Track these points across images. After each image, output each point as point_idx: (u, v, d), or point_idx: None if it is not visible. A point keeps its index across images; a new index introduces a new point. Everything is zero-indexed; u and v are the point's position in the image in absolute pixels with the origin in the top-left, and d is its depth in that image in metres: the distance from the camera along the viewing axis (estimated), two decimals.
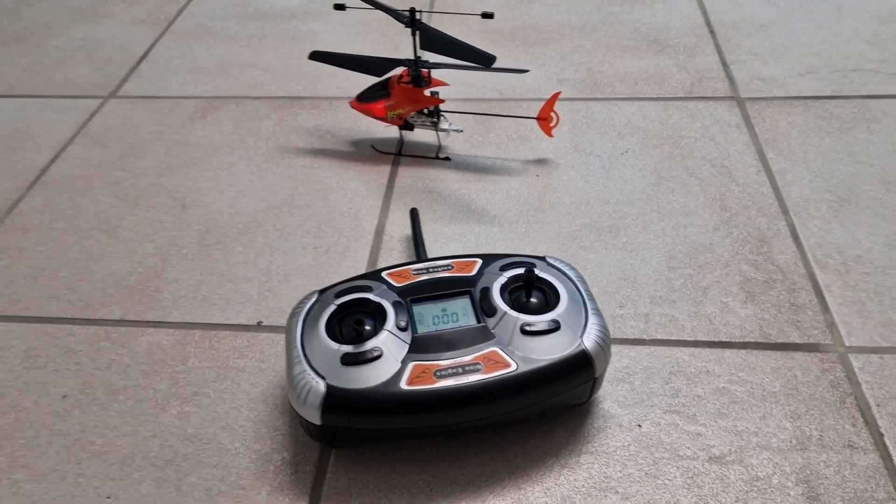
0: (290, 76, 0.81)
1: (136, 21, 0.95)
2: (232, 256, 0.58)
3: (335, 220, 0.61)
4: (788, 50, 0.78)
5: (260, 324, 0.53)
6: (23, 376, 0.50)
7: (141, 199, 0.65)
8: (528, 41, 0.84)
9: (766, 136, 0.66)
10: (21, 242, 0.61)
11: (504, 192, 0.63)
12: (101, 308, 0.55)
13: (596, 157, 0.66)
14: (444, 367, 0.39)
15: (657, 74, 0.76)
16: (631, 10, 0.88)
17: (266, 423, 0.46)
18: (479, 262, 0.45)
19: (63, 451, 0.45)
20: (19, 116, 0.78)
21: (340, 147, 0.70)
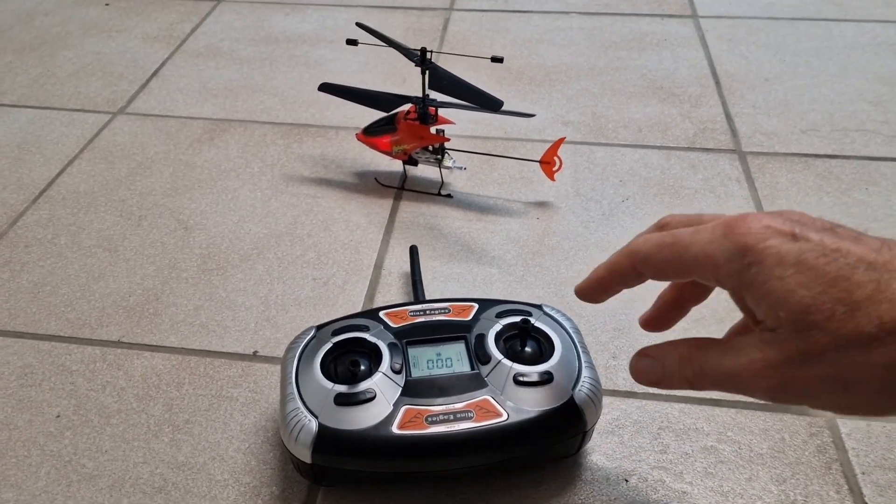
0: (298, 102, 0.82)
1: (148, 38, 0.97)
2: (231, 283, 0.59)
3: (335, 251, 0.62)
4: (791, 105, 0.79)
5: (256, 353, 0.53)
6: (17, 393, 0.50)
7: (144, 218, 0.66)
8: (534, 81, 0.85)
9: (765, 191, 0.67)
10: (23, 256, 0.62)
11: (504, 233, 0.63)
12: (99, 328, 0.55)
13: (597, 202, 0.67)
14: (436, 412, 0.39)
15: (661, 122, 0.77)
16: (638, 56, 0.90)
17: (256, 455, 0.46)
18: (475, 306, 0.46)
19: (54, 473, 0.45)
20: (29, 128, 0.78)
21: (344, 178, 0.70)
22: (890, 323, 0.26)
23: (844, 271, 0.27)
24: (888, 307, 0.26)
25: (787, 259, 0.28)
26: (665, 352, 0.34)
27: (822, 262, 0.28)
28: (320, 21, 1.00)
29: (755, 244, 0.29)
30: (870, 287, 0.27)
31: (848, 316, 0.27)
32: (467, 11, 1.01)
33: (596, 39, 0.94)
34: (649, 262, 0.33)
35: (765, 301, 0.29)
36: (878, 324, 0.26)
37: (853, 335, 0.27)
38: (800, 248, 0.28)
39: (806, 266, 0.28)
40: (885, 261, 0.28)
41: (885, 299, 0.27)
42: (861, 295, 0.27)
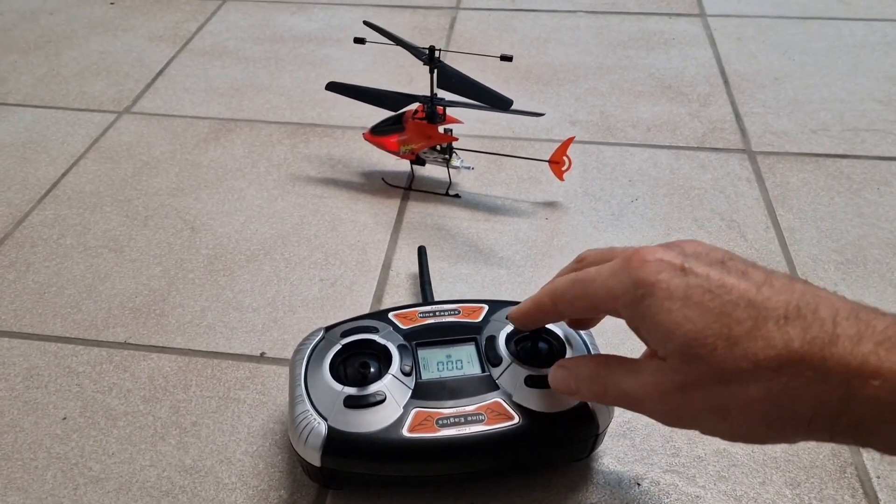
0: (304, 102, 0.82)
1: (153, 36, 0.96)
2: (238, 284, 0.58)
3: (342, 252, 0.61)
4: (801, 105, 0.79)
5: (263, 355, 0.53)
6: (23, 395, 0.50)
7: (150, 219, 0.65)
8: (542, 80, 0.85)
9: (776, 191, 0.67)
10: (29, 257, 0.61)
11: (512, 233, 0.63)
12: (105, 329, 0.55)
13: (606, 202, 0.66)
14: (447, 415, 0.39)
15: (670, 122, 0.77)
16: (647, 54, 0.89)
17: (264, 458, 0.46)
18: (485, 308, 0.45)
19: (60, 475, 0.45)
20: (34, 127, 0.78)
21: (351, 178, 0.70)
22: (764, 360, 0.28)
23: (727, 307, 0.29)
24: (762, 345, 0.28)
25: (675, 293, 0.30)
26: (578, 366, 0.36)
27: (707, 297, 0.30)
28: (326, 20, 0.99)
29: (647, 277, 0.31)
30: (748, 324, 0.29)
31: (727, 351, 0.29)
32: (474, 10, 1.01)
33: (604, 38, 0.93)
34: (563, 299, 0.35)
35: (655, 332, 0.31)
36: (753, 360, 0.28)
37: (732, 369, 0.29)
38: (687, 283, 0.30)
39: (692, 300, 0.30)
40: (765, 298, 0.29)
41: (761, 337, 0.28)
42: (740, 331, 0.29)
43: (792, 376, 0.28)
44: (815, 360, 0.28)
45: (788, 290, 0.30)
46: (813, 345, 0.28)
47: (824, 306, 0.29)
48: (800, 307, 0.29)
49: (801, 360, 0.28)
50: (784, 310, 0.29)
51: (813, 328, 0.28)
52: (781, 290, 0.30)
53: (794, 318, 0.28)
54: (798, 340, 0.28)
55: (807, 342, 0.28)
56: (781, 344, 0.28)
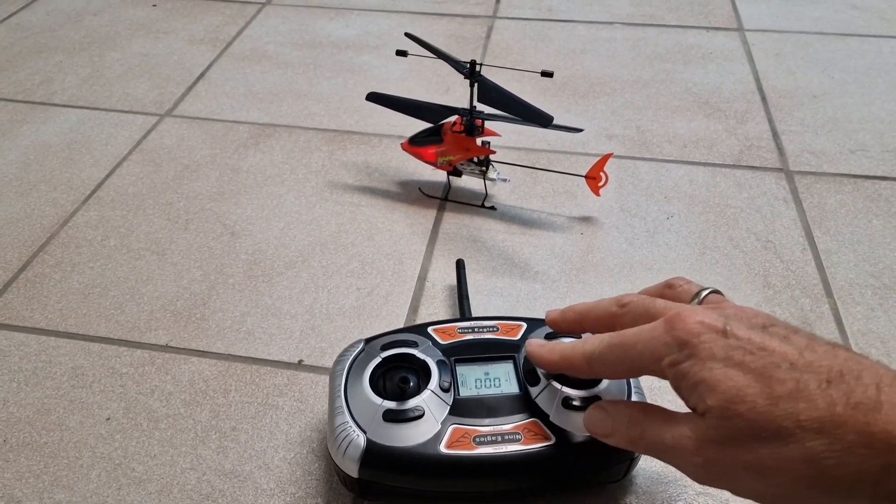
0: (342, 109, 0.83)
1: (194, 39, 0.98)
2: (277, 290, 0.59)
3: (379, 261, 0.62)
4: (840, 124, 0.78)
5: (301, 362, 0.54)
6: (69, 394, 0.51)
7: (191, 222, 0.66)
8: (578, 93, 0.85)
9: (813, 212, 0.66)
10: (74, 257, 0.63)
11: (548, 247, 0.63)
12: (148, 332, 0.56)
13: (641, 219, 0.66)
14: (484, 433, 0.40)
15: (706, 138, 0.77)
16: (684, 69, 0.89)
17: (301, 465, 0.47)
18: (524, 326, 0.46)
19: (104, 475, 0.46)
20: (79, 128, 0.80)
21: (388, 186, 0.71)
22: (806, 421, 0.28)
23: (768, 368, 0.30)
24: (805, 406, 0.29)
25: (717, 354, 0.31)
26: (617, 410, 0.37)
27: (748, 358, 0.30)
28: (364, 26, 1.00)
29: (690, 339, 0.32)
30: (790, 384, 0.29)
31: (768, 409, 0.29)
32: (510, 20, 1.01)
33: (641, 51, 0.93)
34: (602, 362, 0.36)
35: (696, 389, 0.31)
36: (794, 420, 0.29)
37: (772, 428, 0.29)
38: (728, 345, 0.31)
39: (733, 361, 0.31)
40: (808, 362, 0.30)
41: (803, 398, 0.29)
42: (782, 391, 0.29)
43: (834, 439, 0.28)
44: (858, 425, 0.28)
45: (831, 356, 0.30)
46: (857, 410, 0.28)
47: (868, 373, 0.29)
48: (843, 372, 0.29)
49: (844, 424, 0.28)
50: (827, 374, 0.29)
51: (856, 393, 0.28)
52: (824, 355, 0.30)
53: (837, 382, 0.29)
54: (841, 404, 0.28)
55: (850, 406, 0.28)
56: (824, 406, 0.28)
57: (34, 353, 0.54)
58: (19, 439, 0.48)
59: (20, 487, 0.46)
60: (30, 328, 0.56)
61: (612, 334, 0.36)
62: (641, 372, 0.35)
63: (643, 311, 0.36)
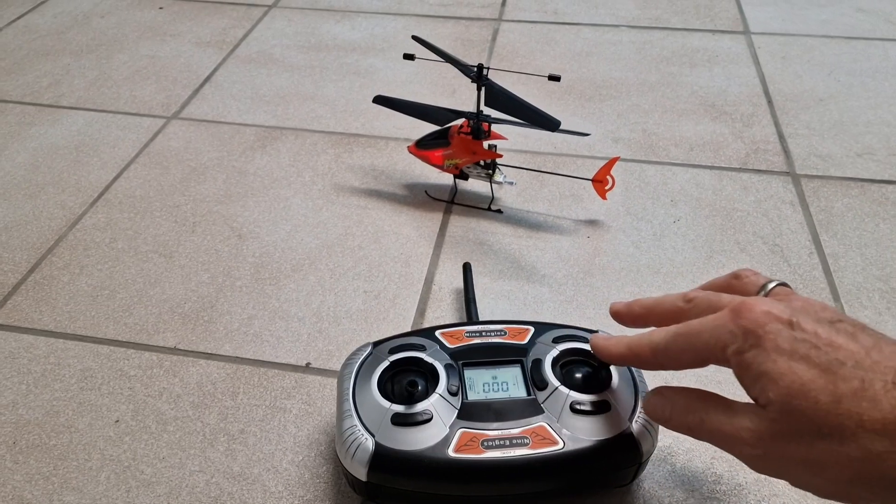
0: (348, 111, 0.83)
1: (201, 42, 0.98)
2: (284, 293, 0.60)
3: (386, 264, 0.62)
4: (846, 127, 0.78)
5: (308, 365, 0.54)
6: (77, 397, 0.52)
7: (199, 225, 0.67)
8: (584, 96, 0.85)
9: (820, 216, 0.66)
10: (82, 259, 0.63)
11: (554, 251, 0.63)
12: (156, 334, 0.56)
13: (648, 222, 0.66)
14: (492, 437, 0.40)
15: (713, 142, 0.77)
16: (690, 72, 0.89)
17: (310, 468, 0.47)
18: (531, 330, 0.46)
19: (113, 478, 0.46)
20: (87, 130, 0.80)
21: (394, 189, 0.71)
22: (868, 422, 0.28)
23: (833, 365, 0.30)
24: (868, 406, 0.28)
25: (782, 345, 0.31)
26: (677, 395, 0.36)
27: (813, 353, 0.30)
28: (370, 29, 1.00)
29: (756, 329, 0.31)
30: (854, 383, 0.29)
31: (831, 406, 0.29)
32: (516, 23, 1.01)
33: (646, 54, 0.93)
34: (668, 353, 0.35)
35: (759, 381, 0.31)
36: (857, 420, 0.28)
37: (833, 425, 0.29)
38: (794, 337, 0.31)
39: (798, 354, 0.30)
40: (874, 362, 0.30)
41: (867, 398, 0.29)
42: (846, 389, 0.29)
43: (893, 441, 0.28)
44: None
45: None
46: None
47: None
48: None
49: None
50: (893, 375, 0.29)
51: None
52: (891, 355, 0.30)
53: None
54: None
55: None
56: (888, 408, 0.28)
57: (43, 356, 0.55)
58: (29, 441, 0.49)
59: (30, 489, 0.46)
60: (39, 330, 0.57)
61: (677, 325, 0.35)
62: (706, 361, 0.34)
63: (708, 306, 0.36)
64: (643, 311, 0.40)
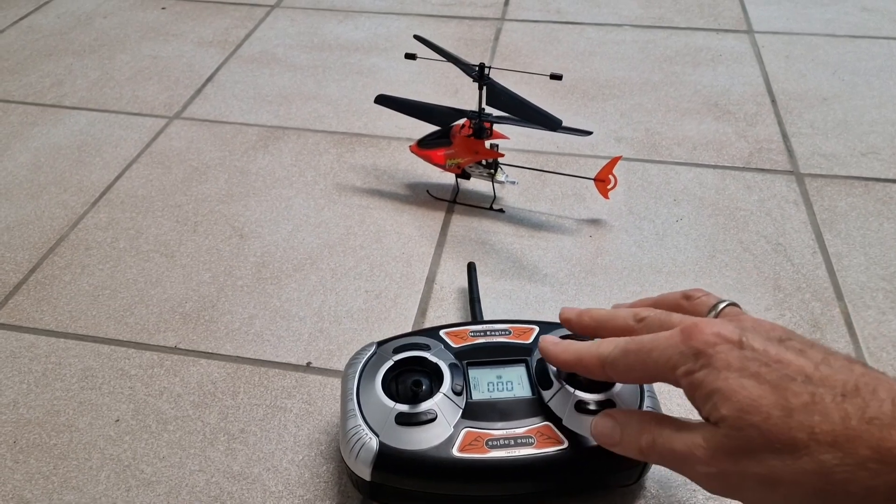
0: (351, 111, 0.83)
1: (203, 42, 0.98)
2: (286, 292, 0.59)
3: (387, 264, 0.62)
4: (850, 127, 0.78)
5: (309, 364, 0.53)
6: (78, 396, 0.51)
7: (200, 225, 0.67)
8: (587, 95, 0.85)
9: (824, 215, 0.66)
10: (84, 259, 0.63)
11: (556, 250, 0.63)
12: (157, 334, 0.56)
13: (650, 221, 0.66)
14: (497, 437, 0.39)
15: (716, 141, 0.76)
16: (693, 71, 0.89)
17: (310, 468, 0.46)
18: (536, 329, 0.45)
19: (113, 477, 0.46)
20: (89, 130, 0.80)
21: (396, 189, 0.71)
22: (820, 434, 0.28)
23: (783, 381, 0.30)
24: (819, 419, 0.29)
25: (732, 364, 0.31)
26: (627, 419, 0.36)
27: (763, 370, 0.30)
28: (373, 29, 1.00)
29: (706, 349, 0.32)
30: (805, 397, 0.29)
31: (782, 420, 0.29)
32: (519, 22, 1.01)
33: (650, 53, 0.93)
34: (616, 367, 0.35)
35: (710, 399, 0.31)
36: (809, 433, 0.28)
37: (786, 440, 0.29)
38: (744, 356, 0.31)
39: (748, 372, 0.31)
40: (823, 376, 0.30)
41: (818, 411, 0.29)
42: (796, 402, 0.29)
43: (847, 453, 0.28)
44: (872, 440, 0.28)
45: (847, 370, 0.30)
46: (871, 425, 0.28)
47: (883, 388, 0.29)
48: (858, 387, 0.29)
49: (858, 438, 0.28)
50: (842, 388, 0.29)
51: (871, 408, 0.28)
52: (840, 369, 0.30)
53: (852, 396, 0.29)
54: (856, 418, 0.28)
55: (865, 421, 0.28)
56: (838, 419, 0.28)
57: (44, 355, 0.54)
58: (29, 440, 0.48)
59: (30, 489, 0.46)
60: (40, 330, 0.57)
61: (628, 339, 0.35)
62: (654, 379, 0.35)
63: (659, 326, 0.36)
64: (593, 324, 0.40)
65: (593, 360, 0.36)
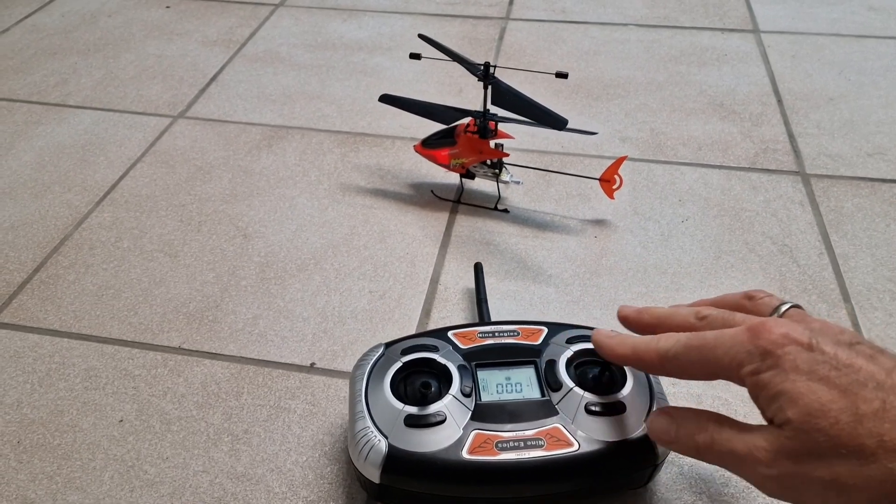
0: (354, 111, 0.83)
1: (207, 41, 0.98)
2: (289, 293, 0.59)
3: (391, 264, 0.62)
4: (857, 127, 0.78)
5: (313, 365, 0.53)
6: (82, 396, 0.51)
7: (204, 224, 0.66)
8: (592, 95, 0.85)
9: (830, 216, 0.66)
10: (87, 258, 0.63)
11: (561, 250, 0.63)
12: (160, 334, 0.56)
13: (655, 222, 0.66)
14: (506, 439, 0.39)
15: (721, 141, 0.76)
16: (698, 71, 0.89)
17: (314, 469, 0.46)
18: (544, 330, 0.45)
19: (117, 477, 0.46)
20: (93, 129, 0.80)
21: (400, 189, 0.70)
22: (890, 442, 0.28)
23: (853, 386, 0.29)
24: (890, 427, 0.28)
25: (801, 367, 0.30)
26: (685, 416, 0.36)
27: (833, 374, 0.30)
28: (376, 28, 1.00)
29: (774, 349, 0.31)
30: (875, 404, 0.29)
31: (851, 427, 0.29)
32: (523, 21, 1.01)
33: (654, 53, 0.93)
34: (677, 362, 0.35)
35: (776, 401, 0.31)
36: (878, 440, 0.28)
37: (854, 445, 0.28)
38: (814, 359, 0.30)
39: (818, 375, 0.30)
40: (894, 383, 0.29)
41: (889, 419, 0.28)
42: (867, 409, 0.29)
43: None
44: None
45: None
46: None
47: None
48: None
49: None
50: None
51: None
52: None
53: None
54: None
55: None
56: None
57: (48, 355, 0.54)
58: (33, 441, 0.48)
59: (34, 489, 0.45)
60: (44, 329, 0.56)
61: (690, 335, 0.34)
62: (716, 376, 0.34)
63: (722, 325, 0.35)
64: (653, 321, 0.39)
65: (651, 355, 0.35)
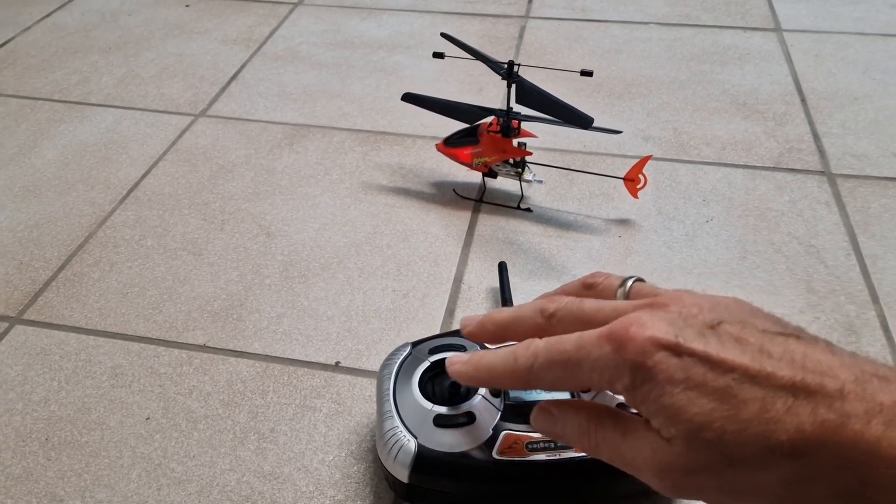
0: (375, 109, 0.83)
1: (227, 40, 0.98)
2: (313, 291, 0.59)
3: (414, 263, 0.62)
4: (883, 127, 0.77)
5: (338, 364, 0.53)
6: (109, 394, 0.51)
7: (227, 223, 0.66)
8: (614, 93, 0.84)
9: (857, 217, 0.65)
10: (112, 256, 0.63)
11: (585, 250, 0.62)
12: (185, 332, 0.56)
13: (679, 222, 0.65)
14: (537, 439, 0.39)
15: (745, 140, 0.76)
16: (721, 69, 0.88)
17: (341, 468, 0.46)
18: None
19: (144, 475, 0.46)
20: (115, 128, 0.80)
21: (422, 188, 0.70)
22: (776, 446, 0.27)
23: (731, 388, 0.28)
24: (773, 428, 0.27)
25: (676, 376, 0.28)
26: (566, 414, 0.34)
27: (709, 377, 0.28)
28: (396, 26, 1.00)
29: (644, 361, 0.29)
30: (755, 405, 0.27)
31: (737, 436, 0.27)
32: (543, 20, 1.00)
33: (676, 51, 0.92)
34: (543, 381, 0.32)
35: (658, 416, 0.29)
36: (765, 445, 0.27)
37: (744, 454, 0.27)
38: (686, 365, 0.28)
39: (694, 382, 0.28)
40: (767, 374, 0.28)
41: (771, 420, 0.27)
42: (748, 413, 0.27)
43: (806, 462, 0.27)
44: (829, 443, 0.26)
45: (788, 360, 0.28)
46: (825, 428, 0.26)
47: (829, 378, 0.27)
48: (805, 382, 0.27)
49: (815, 446, 0.26)
50: (790, 387, 0.27)
51: (821, 408, 0.27)
52: (781, 358, 0.28)
53: (801, 395, 0.27)
54: (809, 423, 0.27)
55: (818, 425, 0.26)
56: (793, 428, 0.27)
57: (74, 352, 0.55)
58: (61, 438, 0.49)
59: (62, 486, 0.46)
60: (70, 327, 0.57)
61: (548, 346, 0.32)
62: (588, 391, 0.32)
63: (574, 320, 0.33)
64: (499, 330, 0.36)
65: (508, 377, 0.33)
